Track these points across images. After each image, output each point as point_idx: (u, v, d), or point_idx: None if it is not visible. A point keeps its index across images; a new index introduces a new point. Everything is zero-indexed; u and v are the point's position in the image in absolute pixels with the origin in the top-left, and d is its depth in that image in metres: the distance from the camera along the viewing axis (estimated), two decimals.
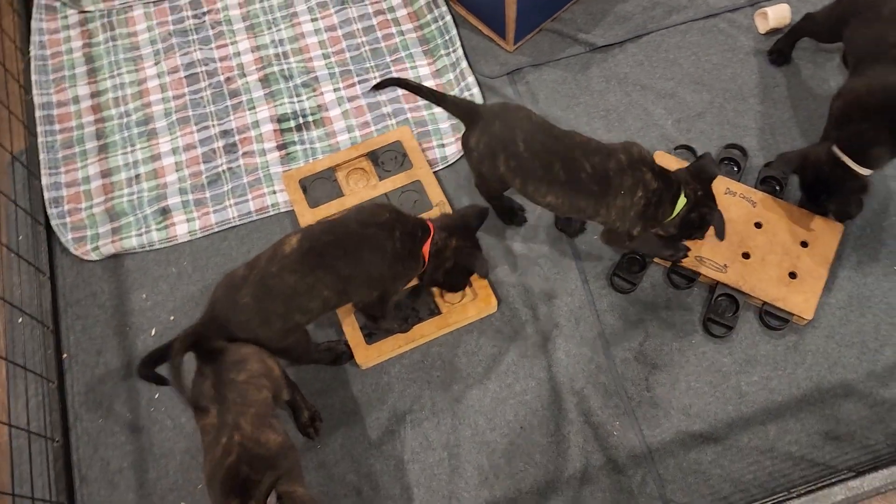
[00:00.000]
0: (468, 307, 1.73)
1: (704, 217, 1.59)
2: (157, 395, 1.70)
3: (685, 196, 1.56)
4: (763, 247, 1.76)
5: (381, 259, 1.47)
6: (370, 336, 1.70)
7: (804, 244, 1.76)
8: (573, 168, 1.51)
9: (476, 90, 2.01)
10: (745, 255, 1.76)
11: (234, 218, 1.89)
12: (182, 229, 1.87)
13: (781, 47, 2.03)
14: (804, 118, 1.97)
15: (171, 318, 1.79)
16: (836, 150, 1.62)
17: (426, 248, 1.53)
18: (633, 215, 1.55)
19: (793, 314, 1.70)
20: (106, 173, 1.95)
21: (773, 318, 1.71)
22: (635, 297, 1.77)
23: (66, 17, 2.18)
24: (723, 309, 1.73)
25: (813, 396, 1.65)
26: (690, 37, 2.12)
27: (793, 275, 1.73)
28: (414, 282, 1.64)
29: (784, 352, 1.70)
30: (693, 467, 1.59)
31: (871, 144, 1.59)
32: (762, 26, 2.11)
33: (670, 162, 1.85)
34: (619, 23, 2.14)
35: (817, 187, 1.66)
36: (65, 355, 1.75)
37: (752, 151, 1.92)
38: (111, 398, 1.70)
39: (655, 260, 1.79)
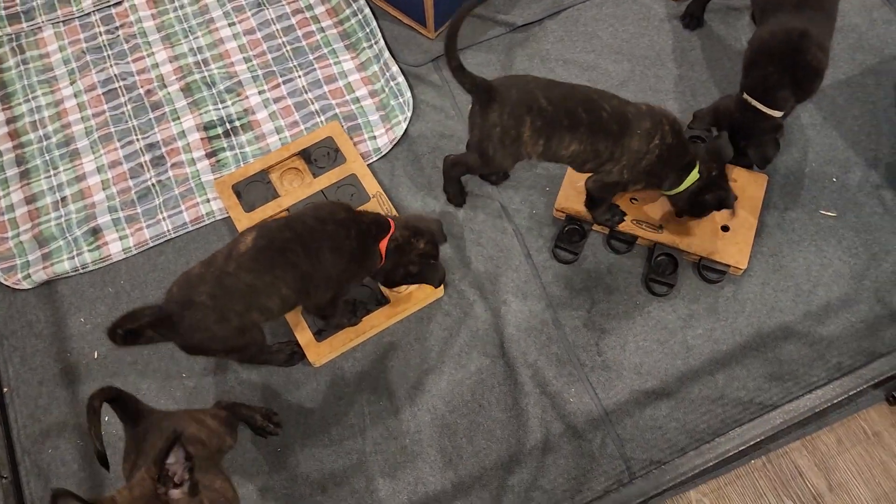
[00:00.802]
0: (415, 294, 1.73)
1: (722, 200, 1.65)
2: (106, 418, 1.65)
3: (699, 172, 1.61)
4: None
5: (340, 257, 1.46)
6: (319, 333, 1.69)
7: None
8: (594, 109, 1.54)
9: (401, 79, 2.01)
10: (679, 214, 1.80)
11: (168, 231, 1.85)
12: (115, 248, 1.83)
13: (693, 11, 2.09)
14: (721, 77, 2.03)
15: None
16: (745, 96, 1.67)
17: (383, 244, 1.52)
18: (644, 164, 1.59)
19: (729, 265, 1.75)
20: (30, 199, 1.89)
21: (711, 272, 1.76)
22: (578, 267, 1.80)
23: None
24: (663, 268, 1.77)
25: (755, 342, 1.70)
26: (606, 9, 2.16)
27: (725, 228, 1.78)
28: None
29: (724, 302, 1.75)
30: (649, 423, 1.63)
31: (776, 88, 1.65)
32: None
33: None
34: (537, 1, 2.17)
35: (734, 136, 1.70)
36: (5, 389, 1.69)
37: (676, 114, 1.96)
38: (59, 427, 1.65)
39: (595, 227, 1.82)
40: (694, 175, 1.62)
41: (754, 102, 1.66)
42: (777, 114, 1.66)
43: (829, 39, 1.69)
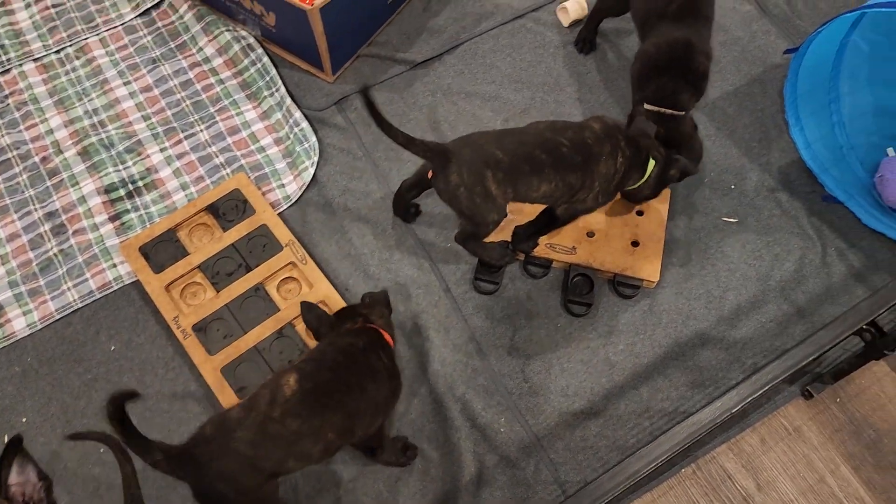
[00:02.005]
0: None
1: (685, 169, 1.71)
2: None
3: (653, 159, 1.66)
4: (604, 223, 1.85)
5: (381, 381, 1.39)
6: (241, 390, 1.65)
7: (639, 213, 1.86)
8: (552, 147, 1.53)
9: (305, 125, 2.00)
10: (590, 234, 1.84)
11: (75, 301, 1.78)
12: (20, 324, 1.75)
13: (585, 36, 2.16)
14: (619, 96, 2.09)
15: (24, 419, 1.66)
16: (648, 106, 1.73)
17: (389, 341, 1.48)
18: (615, 182, 1.62)
19: (642, 280, 1.79)
20: None
21: (626, 287, 1.80)
22: (498, 296, 1.82)
23: None
24: (579, 288, 1.80)
25: (674, 351, 1.74)
26: (502, 40, 2.21)
27: (635, 243, 1.83)
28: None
29: (641, 316, 1.79)
30: (580, 444, 1.64)
31: (676, 93, 1.72)
32: (565, 20, 2.23)
33: None
34: (434, 37, 2.20)
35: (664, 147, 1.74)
36: None
37: None
38: None
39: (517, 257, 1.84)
40: (652, 163, 1.66)
41: (659, 109, 1.71)
42: (680, 112, 1.73)
43: (709, 42, 1.78)
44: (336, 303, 1.75)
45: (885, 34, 1.91)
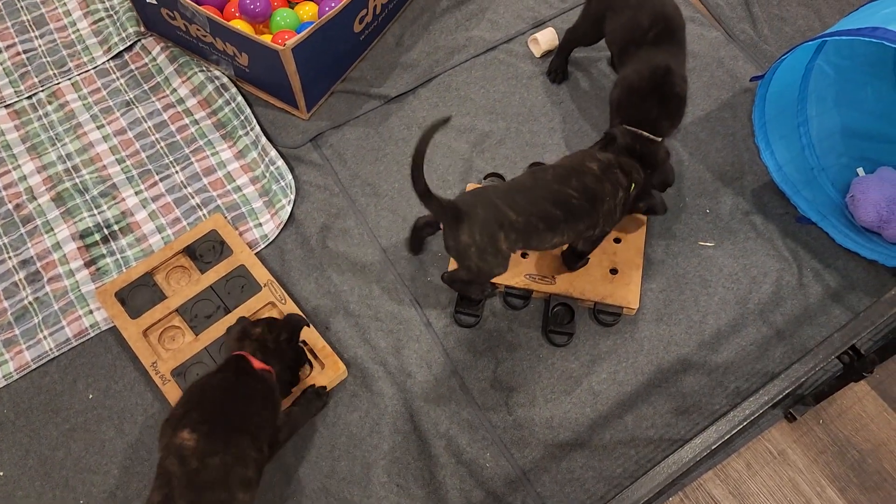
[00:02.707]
0: (318, 379, 1.70)
1: (652, 207, 1.77)
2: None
3: (634, 182, 1.68)
4: None
5: (257, 401, 1.43)
6: None
7: (617, 240, 1.88)
8: (563, 200, 1.55)
9: (281, 163, 2.00)
10: None
11: (51, 350, 1.76)
12: None
13: (557, 66, 2.19)
14: (593, 124, 2.12)
15: (1, 473, 1.62)
16: (627, 127, 1.74)
17: (258, 365, 1.48)
18: (617, 214, 1.65)
19: (622, 307, 1.80)
20: None
21: (606, 315, 1.80)
22: (479, 328, 1.81)
23: None
24: (560, 318, 1.80)
25: (657, 378, 1.75)
26: (475, 72, 2.23)
27: (613, 271, 1.84)
28: None
29: (623, 343, 1.79)
30: (567, 476, 1.63)
31: (658, 119, 1.75)
32: (536, 51, 2.26)
33: None
34: (407, 71, 2.22)
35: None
36: None
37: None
38: None
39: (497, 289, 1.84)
40: (632, 186, 1.69)
41: (640, 131, 1.73)
42: (658, 138, 1.74)
43: (685, 67, 1.82)
44: (315, 342, 1.74)
45: (849, 58, 1.95)
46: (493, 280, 1.78)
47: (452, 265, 1.83)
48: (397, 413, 1.70)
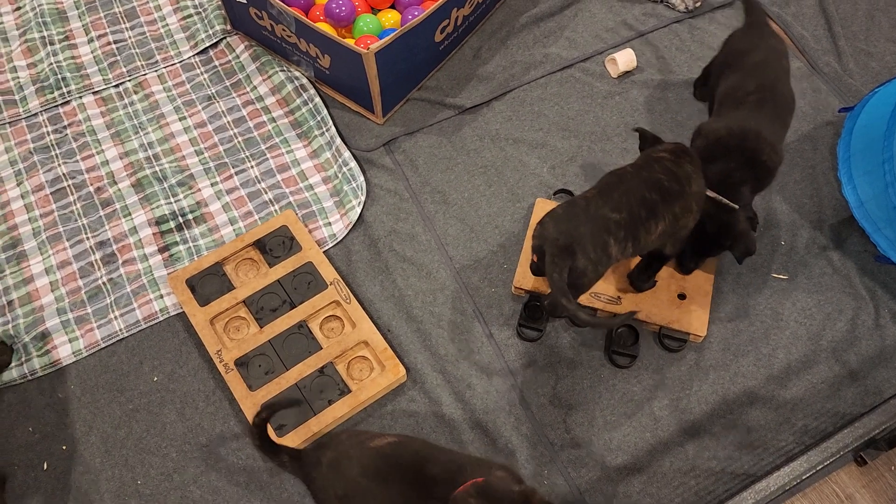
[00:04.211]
0: (378, 380, 1.70)
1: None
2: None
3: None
4: None
5: None
6: (280, 428, 1.64)
7: None
8: (654, 184, 1.54)
9: (354, 164, 2.03)
10: None
11: (120, 330, 1.80)
12: (65, 351, 1.77)
13: (699, 83, 2.16)
14: None
15: (64, 447, 1.66)
16: (711, 194, 1.64)
17: None
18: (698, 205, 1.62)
19: (689, 334, 1.76)
20: None
21: (672, 340, 1.77)
22: (541, 343, 1.80)
23: None
24: (624, 339, 1.77)
25: (721, 409, 1.70)
26: (550, 89, 2.23)
27: (682, 296, 1.80)
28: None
29: (687, 371, 1.75)
30: (623, 501, 1.60)
31: (739, 183, 1.67)
32: (613, 71, 2.25)
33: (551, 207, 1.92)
34: (482, 83, 2.23)
35: (707, 233, 1.67)
36: None
37: None
38: None
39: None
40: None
41: (721, 198, 1.63)
42: (734, 206, 1.65)
43: (782, 142, 1.74)
44: (377, 343, 1.74)
45: None
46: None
47: (523, 280, 1.82)
48: (454, 422, 1.69)
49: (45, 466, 1.64)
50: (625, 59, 2.22)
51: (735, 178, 1.67)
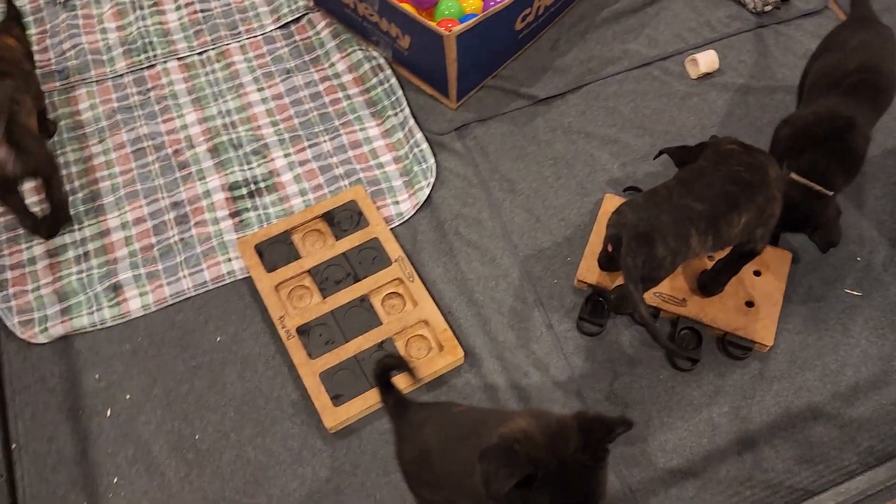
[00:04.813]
0: (435, 360, 1.71)
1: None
2: (115, 480, 1.61)
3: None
4: None
5: None
6: (336, 398, 1.66)
7: (757, 273, 1.80)
8: (734, 176, 1.52)
9: (425, 146, 2.04)
10: None
11: (189, 289, 1.84)
12: (135, 304, 1.82)
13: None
14: None
15: (128, 396, 1.71)
16: (794, 176, 1.64)
17: None
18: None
19: (755, 342, 1.72)
20: (52, 253, 1.89)
21: (736, 348, 1.73)
22: (601, 338, 1.78)
23: None
24: (686, 342, 1.74)
25: (783, 422, 1.66)
26: (627, 85, 2.20)
27: (749, 303, 1.76)
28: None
29: (750, 380, 1.71)
30: None
31: (828, 172, 1.63)
32: (693, 72, 2.21)
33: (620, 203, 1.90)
34: (558, 76, 2.21)
35: (792, 219, 1.65)
36: (13, 445, 1.65)
37: None
38: (66, 487, 1.60)
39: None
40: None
41: (810, 183, 1.62)
42: (829, 192, 1.63)
43: (871, 128, 1.70)
44: (437, 324, 1.75)
45: None
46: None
47: (587, 273, 1.80)
48: (508, 408, 1.68)
49: (109, 413, 1.69)
50: (706, 60, 2.18)
51: (822, 164, 1.63)
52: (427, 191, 1.98)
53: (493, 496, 1.00)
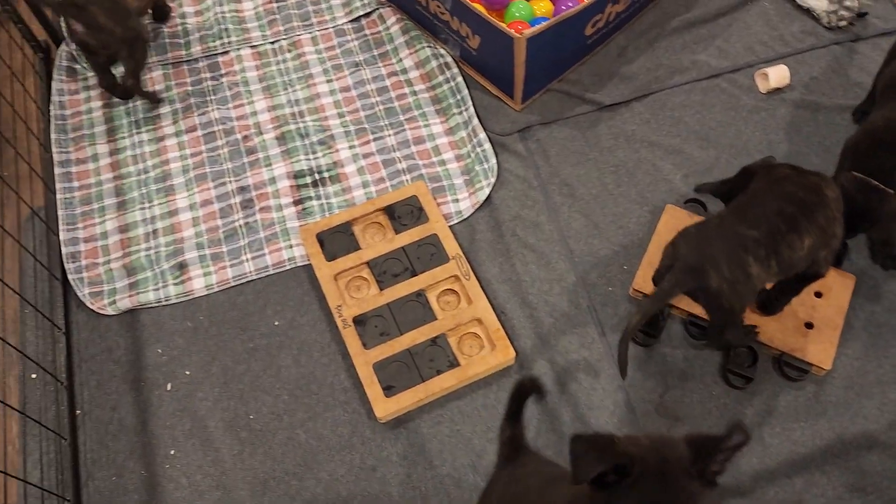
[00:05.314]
0: (487, 358, 1.72)
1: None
2: (172, 452, 1.67)
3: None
4: None
5: None
6: (389, 388, 1.69)
7: (818, 294, 1.77)
8: (790, 197, 1.49)
9: (487, 146, 2.05)
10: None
11: (250, 272, 1.89)
12: (199, 283, 1.88)
13: (865, 109, 2.06)
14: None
15: (187, 372, 1.77)
16: (856, 174, 1.62)
17: None
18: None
19: (812, 364, 1.70)
20: (123, 229, 1.96)
21: (792, 369, 1.71)
22: (653, 349, 1.77)
23: (85, 78, 2.23)
24: (742, 360, 1.73)
25: (836, 448, 1.64)
26: (694, 96, 2.18)
27: (809, 325, 1.74)
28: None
29: (805, 402, 1.69)
30: None
31: (893, 170, 1.61)
32: (763, 86, 2.18)
33: (682, 216, 1.89)
34: (624, 83, 2.21)
35: (850, 215, 1.62)
36: (78, 411, 1.72)
37: None
38: (125, 455, 1.67)
39: (673, 311, 1.80)
40: None
41: (873, 181, 1.60)
42: (889, 189, 1.61)
43: None
44: (491, 323, 1.77)
45: None
46: (685, 308, 1.74)
47: (643, 283, 1.80)
48: (556, 412, 1.69)
49: (169, 387, 1.75)
50: (777, 74, 2.15)
51: (887, 164, 1.61)
52: (487, 191, 1.99)
53: (578, 482, 0.93)
